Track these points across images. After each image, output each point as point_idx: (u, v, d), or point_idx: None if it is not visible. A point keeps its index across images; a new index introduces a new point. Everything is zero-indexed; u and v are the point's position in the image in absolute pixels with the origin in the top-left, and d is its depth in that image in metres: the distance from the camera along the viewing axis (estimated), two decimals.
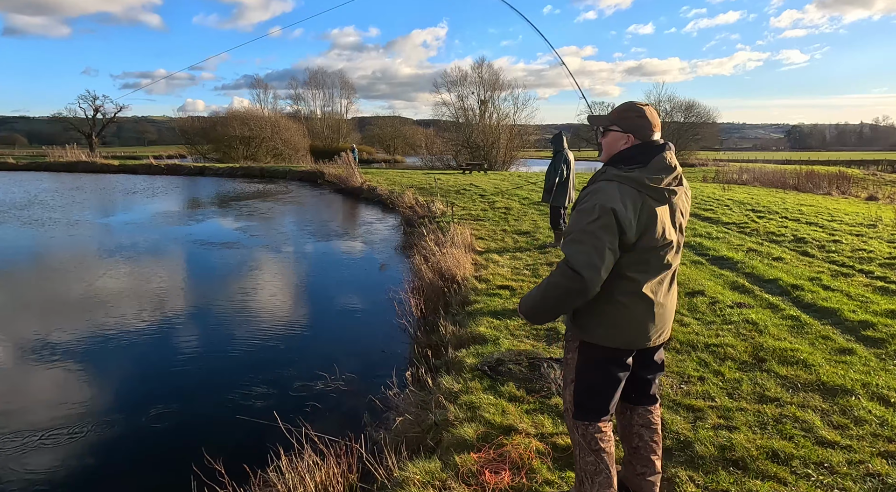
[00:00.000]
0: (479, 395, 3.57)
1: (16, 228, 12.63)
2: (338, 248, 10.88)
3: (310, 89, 56.54)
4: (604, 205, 1.99)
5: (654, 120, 2.15)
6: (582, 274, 1.99)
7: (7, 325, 6.03)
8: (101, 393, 4.37)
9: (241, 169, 31.38)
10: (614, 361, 2.18)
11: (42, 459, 3.45)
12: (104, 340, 5.48)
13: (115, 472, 3.35)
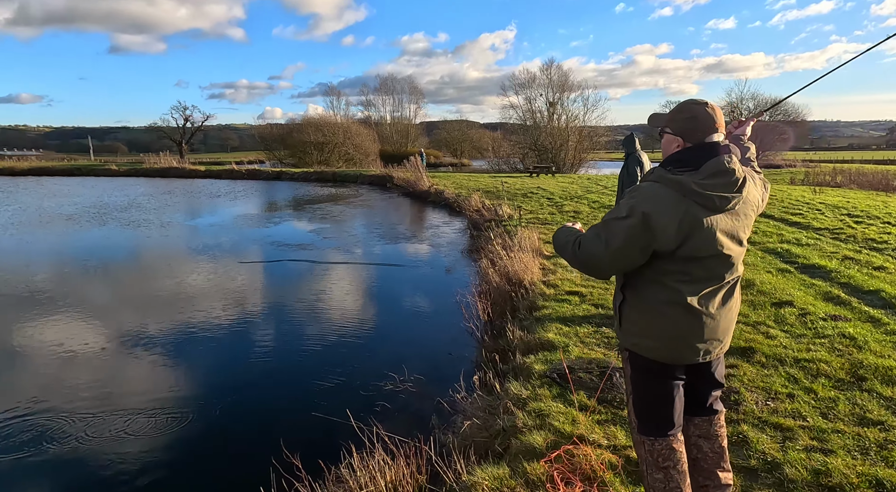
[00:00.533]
0: (549, 402, 3.51)
1: (116, 229, 13.82)
2: (405, 250, 11.06)
3: (380, 95, 58.05)
4: (635, 205, 1.90)
5: (710, 121, 1.96)
6: (587, 262, 2.02)
7: (108, 317, 6.59)
8: (185, 383, 4.68)
9: (315, 173, 32.71)
10: (663, 373, 2.07)
11: (127, 443, 3.74)
12: (190, 334, 5.87)
13: (197, 458, 3.56)
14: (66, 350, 5.44)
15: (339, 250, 10.85)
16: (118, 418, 4.04)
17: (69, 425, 3.96)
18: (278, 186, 28.58)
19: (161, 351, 5.40)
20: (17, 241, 12.04)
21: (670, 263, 1.93)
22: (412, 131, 57.16)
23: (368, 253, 10.68)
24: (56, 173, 39.04)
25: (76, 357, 5.27)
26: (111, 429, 3.89)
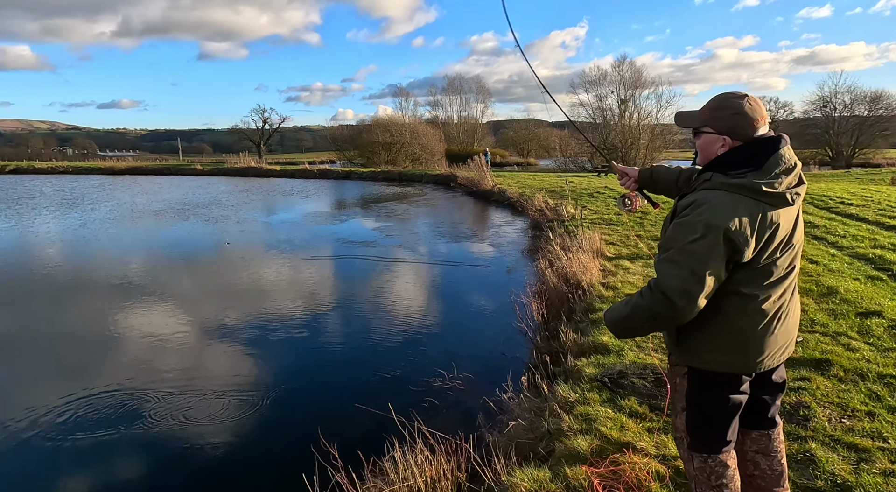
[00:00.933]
0: (597, 407, 3.40)
1: (198, 224, 14.79)
2: (466, 249, 11.09)
3: (447, 95, 58.48)
4: (710, 222, 1.71)
5: (755, 114, 1.81)
6: (674, 301, 1.75)
7: (186, 305, 7.06)
8: (249, 369, 4.93)
9: (382, 173, 33.45)
10: (730, 387, 1.91)
11: (192, 419, 3.98)
12: (256, 324, 6.18)
13: (249, 440, 3.74)
14: (150, 334, 5.89)
15: (400, 248, 11.04)
16: (185, 396, 4.32)
17: (148, 401, 4.28)
18: (347, 185, 29.49)
19: (229, 338, 5.72)
20: (112, 234, 13.16)
21: (748, 270, 1.79)
22: (478, 131, 57.20)
23: (429, 251, 10.79)
24: (149, 172, 42.33)
25: (158, 341, 5.69)
26: (181, 406, 4.17)
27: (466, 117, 58.45)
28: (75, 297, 7.64)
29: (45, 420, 4.01)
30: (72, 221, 15.33)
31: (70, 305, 7.26)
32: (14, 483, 3.38)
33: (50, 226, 14.55)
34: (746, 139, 1.83)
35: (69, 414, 4.10)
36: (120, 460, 3.56)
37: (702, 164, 1.95)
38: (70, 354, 5.44)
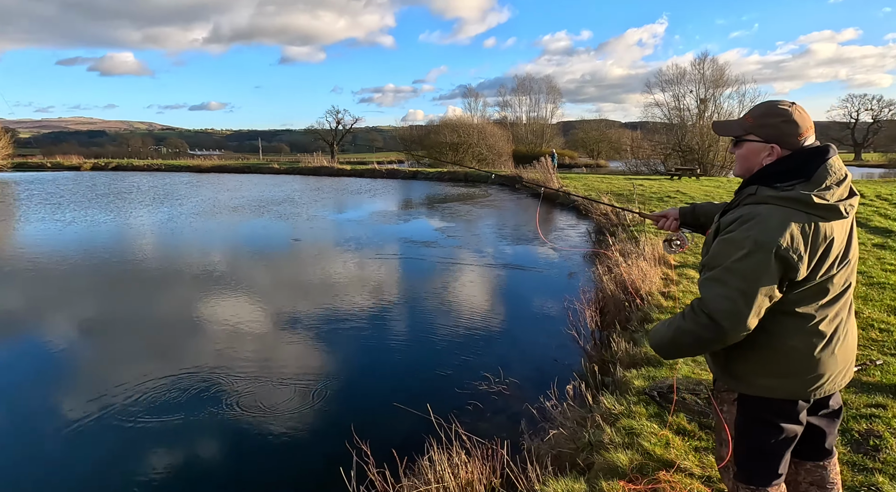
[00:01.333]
0: (642, 421, 3.29)
1: (271, 220, 15.59)
2: (525, 252, 11.00)
3: (517, 96, 58.00)
4: (759, 238, 1.61)
5: (804, 123, 1.71)
6: (721, 324, 1.65)
7: (254, 296, 7.49)
8: (302, 359, 5.16)
9: (448, 173, 33.74)
10: (785, 415, 1.78)
11: (245, 402, 4.22)
12: (313, 318, 6.45)
13: (291, 426, 3.92)
14: (218, 322, 6.30)
15: (461, 249, 11.12)
16: (243, 381, 4.60)
17: (210, 385, 4.59)
18: (413, 185, 30.00)
19: (289, 329, 6.02)
20: (195, 228, 14.14)
21: (802, 289, 1.68)
22: (547, 131, 56.32)
23: (489, 253, 10.80)
24: (231, 171, 45.05)
25: (224, 329, 6.09)
26: (238, 391, 4.44)
27: (535, 118, 57.74)
28: (158, 285, 8.29)
29: (122, 397, 4.40)
30: (161, 215, 16.62)
31: (153, 292, 7.89)
32: (95, 451, 3.74)
33: (143, 219, 15.85)
34: (794, 149, 1.73)
35: (142, 392, 4.47)
36: (177, 437, 3.84)
37: (742, 175, 1.84)
38: (149, 337, 5.93)
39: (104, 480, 3.44)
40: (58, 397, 4.50)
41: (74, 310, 7.00)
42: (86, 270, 9.29)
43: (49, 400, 4.45)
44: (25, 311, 7.01)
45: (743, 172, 1.83)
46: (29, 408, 4.33)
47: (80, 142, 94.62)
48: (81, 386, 4.73)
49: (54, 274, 8.94)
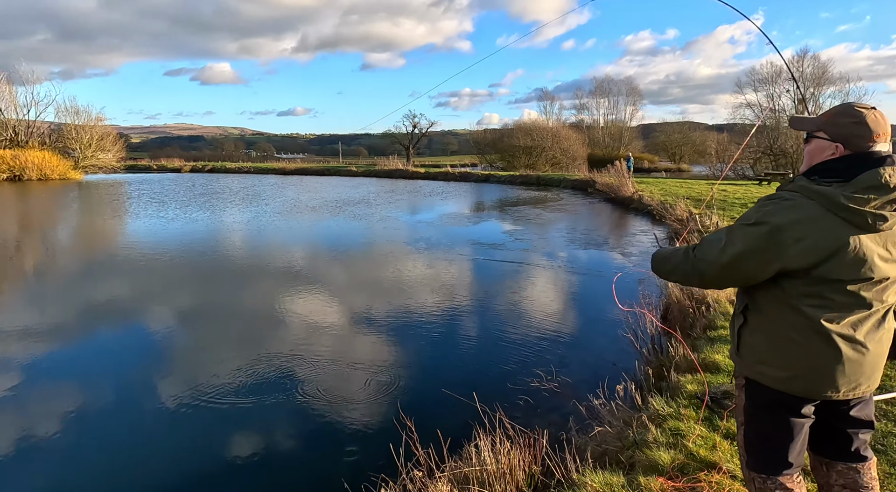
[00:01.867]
0: (690, 424, 3.28)
1: (345, 220, 16.36)
2: (594, 257, 10.87)
3: (594, 98, 56.73)
4: (766, 215, 1.70)
5: (877, 127, 1.69)
6: (696, 263, 1.85)
7: (319, 288, 7.99)
8: (363, 348, 5.49)
9: (521, 177, 33.67)
10: (786, 406, 1.81)
11: (316, 389, 4.58)
12: (379, 311, 6.80)
13: (353, 408, 4.21)
14: (294, 311, 6.82)
15: (528, 252, 11.18)
16: (310, 367, 4.99)
17: (286, 370, 5.02)
18: (485, 188, 30.21)
19: (355, 321, 6.40)
20: (276, 226, 15.14)
21: (806, 284, 1.70)
22: (626, 134, 54.65)
23: (556, 257, 10.78)
24: (312, 173, 47.40)
25: (300, 317, 6.57)
26: (305, 376, 4.83)
27: (614, 120, 56.21)
28: (241, 277, 9.03)
29: (208, 381, 4.91)
30: (249, 214, 17.91)
31: (237, 283, 8.61)
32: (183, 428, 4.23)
33: (234, 217, 17.17)
34: (857, 151, 1.72)
35: (223, 375, 4.97)
36: (244, 412, 4.25)
37: (803, 171, 1.85)
38: (231, 323, 6.52)
39: (185, 454, 3.89)
40: (149, 375, 5.10)
41: (169, 297, 7.80)
42: (182, 261, 10.27)
43: (141, 377, 5.05)
44: (129, 297, 7.90)
45: (806, 167, 1.85)
46: (122, 385, 4.95)
47: (181, 146, 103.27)
48: (168, 367, 5.32)
49: (156, 265, 9.96)
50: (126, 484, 3.43)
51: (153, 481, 3.45)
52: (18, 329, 6.21)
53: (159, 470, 3.57)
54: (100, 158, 42.39)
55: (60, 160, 37.46)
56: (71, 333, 6.19)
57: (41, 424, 4.09)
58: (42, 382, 4.85)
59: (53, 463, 3.62)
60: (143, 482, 3.44)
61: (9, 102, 41.56)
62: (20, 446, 3.80)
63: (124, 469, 3.57)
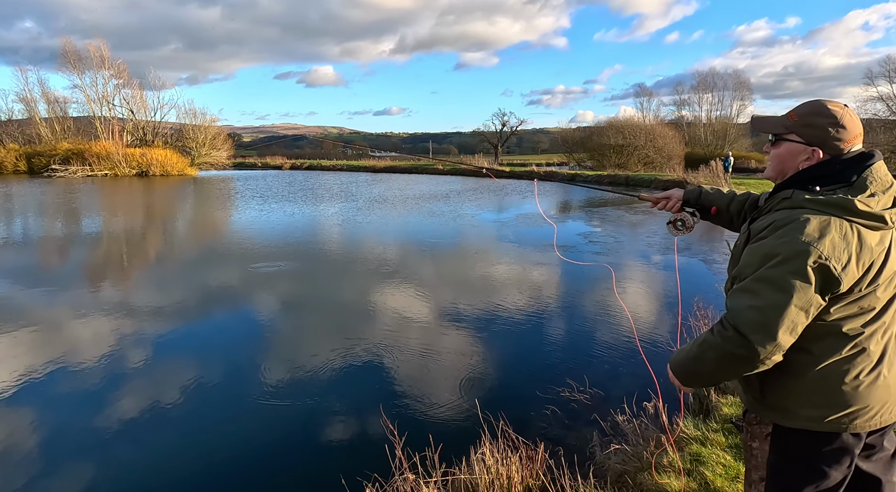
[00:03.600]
0: (713, 449, 3.00)
1: (422, 217, 16.66)
2: (666, 263, 10.22)
3: (697, 93, 53.09)
4: (795, 245, 1.42)
5: (853, 128, 1.53)
6: (749, 338, 1.45)
7: (386, 279, 8.20)
8: (412, 341, 5.57)
9: (608, 177, 32.40)
10: (831, 454, 1.53)
11: (382, 376, 4.71)
12: (434, 306, 6.86)
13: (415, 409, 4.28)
14: (386, 306, 7.08)
15: (597, 255, 10.75)
16: (367, 355, 5.15)
17: (383, 362, 5.24)
18: (569, 189, 29.42)
19: (414, 313, 6.51)
20: (359, 221, 15.76)
21: (844, 303, 1.49)
22: (731, 132, 50.61)
23: (625, 261, 10.27)
24: (401, 171, 48.72)
25: (391, 313, 6.82)
26: (393, 368, 5.00)
27: (718, 117, 52.29)
28: (330, 267, 9.52)
29: (302, 367, 5.23)
30: (338, 209, 18.82)
31: (327, 274, 9.08)
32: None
33: (328, 211, 18.13)
34: (837, 155, 1.56)
35: (307, 360, 5.27)
36: (298, 389, 4.47)
37: (774, 177, 1.67)
38: (316, 311, 6.90)
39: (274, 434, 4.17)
40: (226, 354, 5.52)
41: (265, 285, 8.38)
42: (279, 251, 11.00)
43: (221, 357, 5.48)
44: (232, 282, 8.59)
45: (776, 175, 1.67)
46: (212, 363, 5.39)
47: (285, 144, 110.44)
48: (260, 351, 5.73)
49: (256, 254, 10.76)
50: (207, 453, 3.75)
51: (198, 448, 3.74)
52: (134, 306, 6.99)
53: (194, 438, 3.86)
54: (212, 155, 46.47)
55: (179, 158, 41.53)
56: (178, 313, 6.85)
57: (148, 390, 4.58)
58: (151, 356, 5.41)
59: (154, 428, 4.03)
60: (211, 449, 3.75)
61: (140, 106, 46.83)
62: (128, 409, 4.29)
63: (207, 443, 3.91)
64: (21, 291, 7.91)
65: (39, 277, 8.98)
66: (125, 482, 3.43)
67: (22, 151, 40.93)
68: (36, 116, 45.67)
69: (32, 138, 44.16)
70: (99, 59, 44.77)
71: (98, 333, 6.06)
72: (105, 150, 38.90)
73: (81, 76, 44.88)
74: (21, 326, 6.27)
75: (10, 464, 3.57)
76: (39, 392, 4.59)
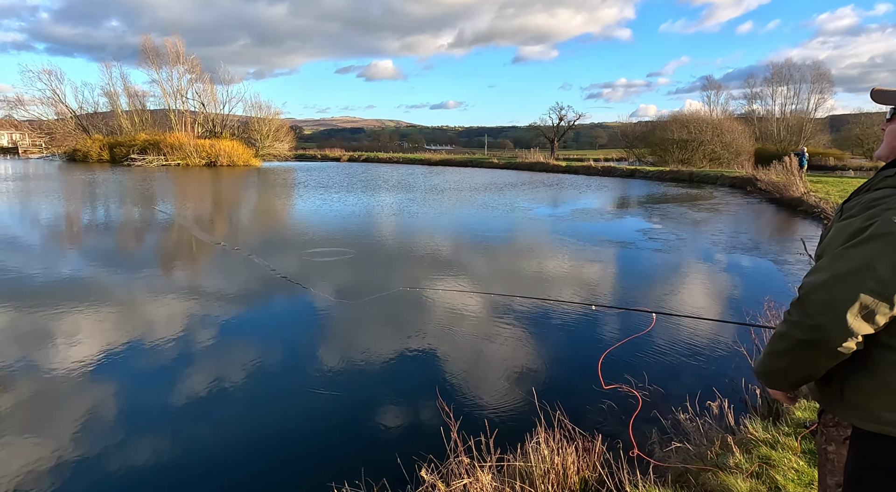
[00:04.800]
0: (786, 454, 2.84)
1: (474, 209, 16.63)
2: (732, 261, 9.74)
3: (770, 86, 50.14)
4: (883, 225, 1.28)
5: None
6: (815, 318, 1.32)
7: (478, 279, 8.25)
8: (475, 335, 5.58)
9: (670, 173, 31.18)
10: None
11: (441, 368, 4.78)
12: (486, 299, 6.85)
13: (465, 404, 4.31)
14: (443, 294, 7.19)
15: (658, 252, 10.39)
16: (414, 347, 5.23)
17: (442, 356, 5.34)
18: (629, 184, 28.54)
19: (444, 304, 6.54)
20: (412, 212, 15.94)
21: None
22: (808, 127, 47.49)
23: (687, 258, 9.87)
24: (455, 164, 48.80)
25: (448, 300, 6.91)
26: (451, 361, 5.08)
27: (794, 111, 49.19)
28: (389, 255, 9.71)
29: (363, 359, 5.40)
30: (392, 198, 19.10)
31: (386, 261, 9.28)
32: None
33: (383, 200, 18.46)
34: None
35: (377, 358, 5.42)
36: (346, 375, 4.59)
37: (886, 156, 1.51)
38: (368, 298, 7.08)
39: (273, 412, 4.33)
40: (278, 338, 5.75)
41: (326, 272, 8.65)
42: (339, 238, 11.32)
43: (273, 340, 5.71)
44: (292, 269, 8.93)
45: (888, 153, 1.50)
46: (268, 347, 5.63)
47: (344, 137, 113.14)
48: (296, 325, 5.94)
49: (318, 241, 11.12)
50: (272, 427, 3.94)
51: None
52: (203, 289, 7.41)
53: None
54: (275, 147, 48.15)
55: (245, 149, 43.31)
56: (245, 296, 7.20)
57: (215, 368, 4.87)
58: (215, 336, 5.73)
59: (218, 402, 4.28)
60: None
61: (210, 99, 49.15)
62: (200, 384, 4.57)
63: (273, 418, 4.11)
64: (104, 272, 8.51)
65: (120, 259, 9.62)
66: (194, 452, 3.64)
67: (105, 142, 43.91)
68: (118, 109, 48.85)
69: (114, 129, 47.28)
70: (175, 54, 47.31)
71: (169, 313, 6.43)
72: (178, 140, 41.11)
73: (159, 71, 47.62)
74: (101, 303, 6.74)
75: (92, 430, 3.85)
76: (118, 365, 4.92)
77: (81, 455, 3.50)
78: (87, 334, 5.61)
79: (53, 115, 48.55)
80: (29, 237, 11.34)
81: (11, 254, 9.50)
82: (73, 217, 14.53)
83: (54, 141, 47.65)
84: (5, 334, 5.60)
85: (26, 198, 18.47)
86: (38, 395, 4.30)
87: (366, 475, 2.97)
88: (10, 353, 5.08)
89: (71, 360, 4.94)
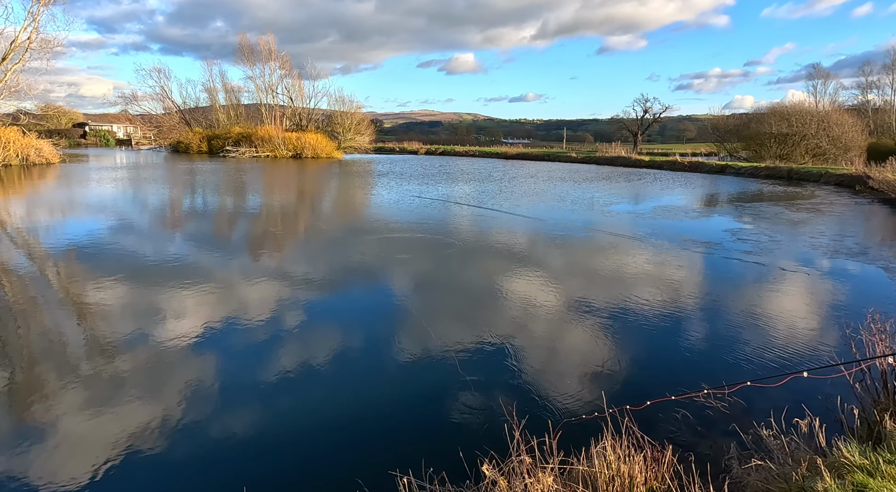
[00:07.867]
0: (887, 483, 2.56)
1: (551, 203, 16.30)
2: (836, 265, 8.89)
3: (890, 74, 45.07)
4: None
5: None
6: None
7: (554, 277, 8.18)
8: (571, 338, 5.50)
9: (765, 169, 28.95)
10: None
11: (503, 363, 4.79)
12: (548, 295, 6.71)
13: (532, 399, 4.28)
14: (517, 290, 7.20)
15: (747, 254, 9.69)
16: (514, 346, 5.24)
17: (505, 351, 5.39)
18: (718, 181, 26.82)
19: (518, 300, 6.45)
20: (501, 204, 15.91)
21: None
22: None
23: (782, 262, 9.12)
24: (532, 158, 48.10)
25: (522, 297, 6.92)
26: (519, 357, 5.10)
27: None
28: (469, 247, 9.81)
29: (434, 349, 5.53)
30: (469, 188, 19.18)
31: (465, 254, 9.38)
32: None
33: (462, 190, 18.60)
34: None
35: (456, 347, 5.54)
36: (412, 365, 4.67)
37: None
38: (438, 290, 7.18)
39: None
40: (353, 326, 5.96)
41: (404, 263, 8.89)
42: (419, 228, 11.58)
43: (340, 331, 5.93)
44: (374, 259, 9.25)
45: None
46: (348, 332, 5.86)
47: (422, 130, 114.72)
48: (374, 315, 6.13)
49: (396, 228, 11.44)
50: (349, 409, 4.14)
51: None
52: (292, 273, 7.86)
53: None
54: (356, 140, 49.74)
55: (328, 142, 45.08)
56: (329, 283, 7.56)
57: (299, 349, 5.17)
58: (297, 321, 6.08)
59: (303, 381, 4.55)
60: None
61: (298, 94, 51.57)
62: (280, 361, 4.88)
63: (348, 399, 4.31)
64: (203, 254, 9.20)
65: (216, 242, 10.37)
66: (281, 424, 3.85)
67: (204, 134, 47.39)
68: (216, 104, 52.49)
69: (212, 123, 50.87)
70: (267, 52, 50.03)
71: (260, 296, 6.85)
72: (268, 134, 43.52)
73: (252, 68, 50.56)
74: (198, 283, 7.30)
75: (190, 399, 4.19)
76: (214, 340, 5.32)
77: (185, 420, 3.82)
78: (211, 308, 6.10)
79: (161, 109, 53.07)
80: (147, 221, 12.50)
81: (153, 237, 10.51)
82: (206, 202, 15.81)
83: (161, 133, 52.16)
84: (121, 308, 6.22)
85: (153, 185, 20.33)
86: (147, 364, 4.74)
87: (426, 465, 3.01)
88: (124, 326, 5.63)
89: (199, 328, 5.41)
